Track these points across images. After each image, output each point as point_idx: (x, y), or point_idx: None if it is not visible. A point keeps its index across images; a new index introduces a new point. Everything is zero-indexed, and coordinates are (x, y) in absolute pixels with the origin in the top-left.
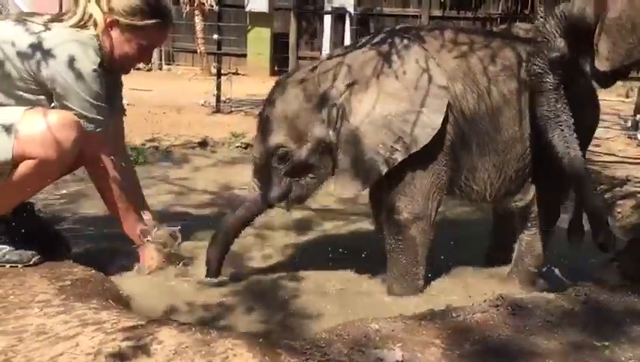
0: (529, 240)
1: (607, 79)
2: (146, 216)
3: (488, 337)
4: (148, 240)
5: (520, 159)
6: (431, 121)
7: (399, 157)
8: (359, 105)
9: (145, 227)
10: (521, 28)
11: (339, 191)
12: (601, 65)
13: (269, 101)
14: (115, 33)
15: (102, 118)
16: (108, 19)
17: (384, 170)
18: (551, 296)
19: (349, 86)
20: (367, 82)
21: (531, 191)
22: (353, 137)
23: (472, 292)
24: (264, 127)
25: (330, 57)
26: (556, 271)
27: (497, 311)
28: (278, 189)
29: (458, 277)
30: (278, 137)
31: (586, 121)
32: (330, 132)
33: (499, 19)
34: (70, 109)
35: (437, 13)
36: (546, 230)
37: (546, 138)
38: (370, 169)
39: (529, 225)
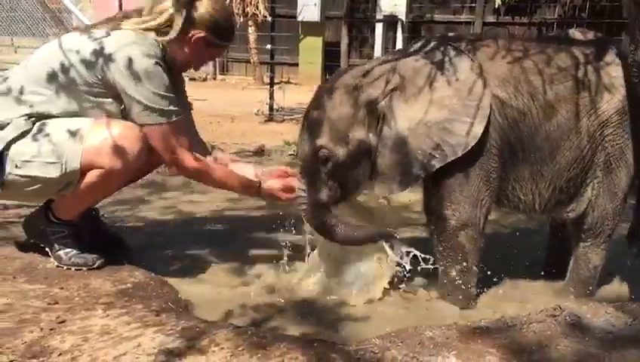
0: (584, 251)
1: None
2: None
3: (546, 348)
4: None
5: (572, 168)
6: (471, 131)
7: (437, 163)
8: (401, 111)
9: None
10: (577, 33)
11: (379, 192)
12: None
13: (314, 104)
14: (191, 44)
15: (175, 108)
16: (196, 35)
17: (421, 175)
18: (611, 307)
19: (393, 90)
20: (411, 88)
21: (585, 201)
22: (393, 142)
23: (527, 302)
24: (308, 129)
25: (380, 63)
26: None
27: (555, 321)
28: (326, 191)
29: (513, 286)
30: (320, 140)
31: None
32: (371, 135)
33: (555, 24)
34: (141, 105)
35: (491, 19)
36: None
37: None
38: (406, 174)
39: (584, 235)
